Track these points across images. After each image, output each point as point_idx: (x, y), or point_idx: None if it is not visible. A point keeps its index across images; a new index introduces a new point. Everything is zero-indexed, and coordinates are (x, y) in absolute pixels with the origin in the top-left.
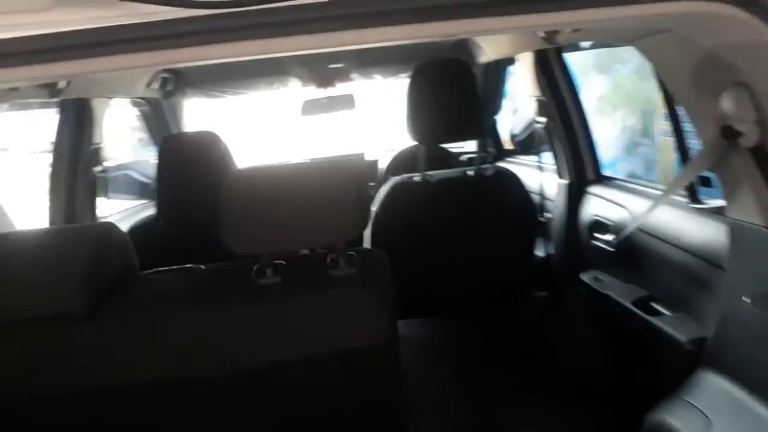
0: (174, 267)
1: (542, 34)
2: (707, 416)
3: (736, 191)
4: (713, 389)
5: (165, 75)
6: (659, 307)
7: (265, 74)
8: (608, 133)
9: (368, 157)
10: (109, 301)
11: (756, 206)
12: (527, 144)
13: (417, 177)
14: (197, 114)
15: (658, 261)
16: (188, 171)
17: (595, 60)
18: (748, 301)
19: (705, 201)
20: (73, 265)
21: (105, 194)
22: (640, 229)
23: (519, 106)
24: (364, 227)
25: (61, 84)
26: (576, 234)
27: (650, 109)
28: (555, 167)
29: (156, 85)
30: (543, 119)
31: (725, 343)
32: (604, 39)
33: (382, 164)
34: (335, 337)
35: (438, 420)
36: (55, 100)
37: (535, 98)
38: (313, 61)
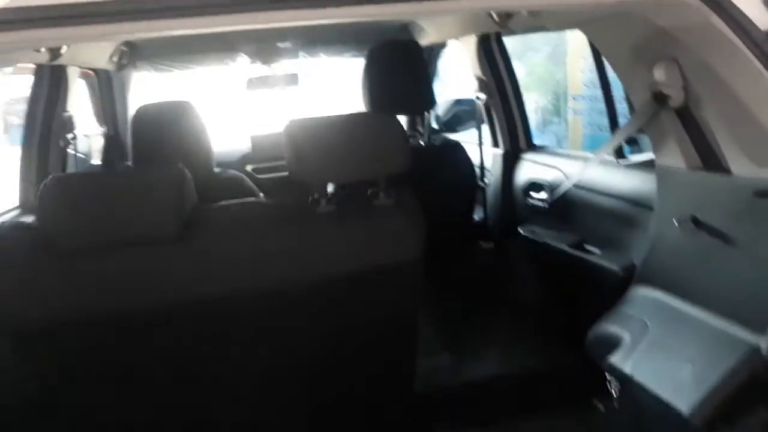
0: (240, 200)
1: (496, 18)
2: (644, 321)
3: (663, 143)
4: (646, 300)
5: (123, 48)
6: (591, 248)
7: (215, 50)
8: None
9: None
10: (193, 227)
11: (680, 154)
12: (452, 123)
13: None
14: (145, 89)
15: (589, 211)
16: (164, 140)
17: (510, 48)
18: (676, 224)
19: (629, 157)
20: (167, 197)
21: (75, 160)
22: (574, 186)
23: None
24: (405, 166)
25: (64, 48)
26: (512, 195)
27: (561, 91)
28: (492, 139)
29: (116, 58)
30: (483, 96)
31: (655, 262)
32: (556, 24)
33: None
34: (378, 255)
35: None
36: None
37: (476, 77)
38: (261, 39)
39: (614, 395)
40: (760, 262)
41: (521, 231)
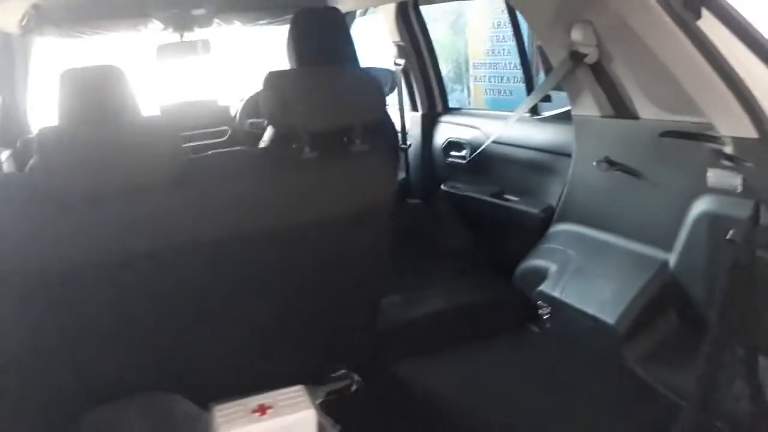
0: (229, 149)
1: None
2: (567, 252)
3: (579, 96)
4: (567, 235)
5: (31, 11)
6: (510, 197)
7: (126, 16)
8: None
9: (220, 103)
10: (188, 174)
11: (595, 104)
12: None
13: None
14: (50, 55)
15: (506, 164)
16: (93, 105)
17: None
18: (594, 164)
19: (542, 113)
20: (164, 144)
21: None
22: (491, 142)
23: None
24: (381, 113)
25: None
26: (432, 155)
27: (462, 60)
28: (410, 103)
29: (24, 21)
30: (402, 61)
31: (572, 201)
32: None
33: (233, 110)
34: (357, 198)
35: None
36: None
37: (395, 43)
38: (175, 5)
39: (545, 318)
40: (664, 191)
41: (443, 187)
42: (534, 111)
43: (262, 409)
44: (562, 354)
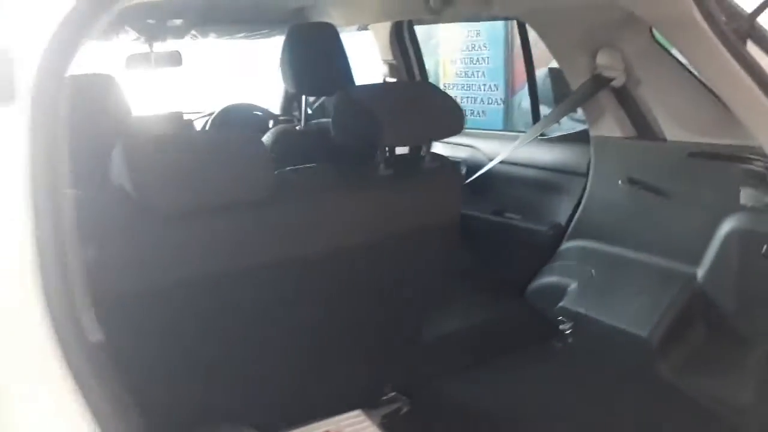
0: (306, 165)
1: (432, 4)
2: (587, 268)
3: (599, 117)
4: (585, 251)
5: None
6: (512, 215)
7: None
8: None
9: (185, 117)
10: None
11: (616, 125)
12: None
13: (297, 126)
14: None
15: (507, 183)
16: (98, 114)
17: None
18: (619, 183)
19: (546, 134)
20: (259, 159)
21: None
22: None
23: None
24: (459, 128)
25: None
26: None
27: (433, 80)
28: None
29: None
30: (393, 80)
31: (588, 219)
32: (502, 10)
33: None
34: (428, 214)
35: None
36: None
37: (387, 62)
38: (151, 15)
39: (567, 334)
40: (691, 209)
41: None
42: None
43: None
44: (592, 368)
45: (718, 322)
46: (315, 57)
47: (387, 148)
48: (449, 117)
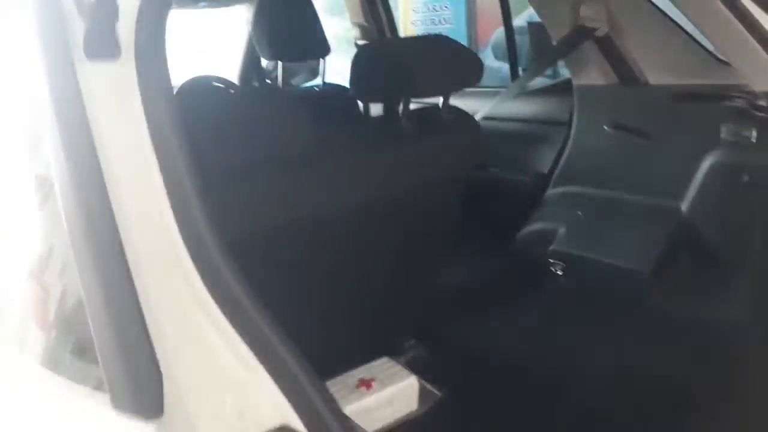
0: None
1: None
2: (575, 212)
3: (582, 67)
4: (572, 196)
5: None
6: (492, 170)
7: None
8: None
9: None
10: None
11: (599, 74)
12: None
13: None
14: None
15: (489, 139)
16: None
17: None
18: (605, 128)
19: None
20: (299, 115)
21: None
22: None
23: None
24: (477, 80)
25: None
26: None
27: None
28: None
29: None
30: (364, 42)
31: (574, 165)
32: None
33: None
34: (448, 166)
35: None
36: None
37: (357, 24)
38: None
39: (560, 275)
40: (675, 148)
41: None
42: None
43: (365, 384)
44: (587, 303)
45: (704, 249)
46: (291, 22)
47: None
48: (469, 67)
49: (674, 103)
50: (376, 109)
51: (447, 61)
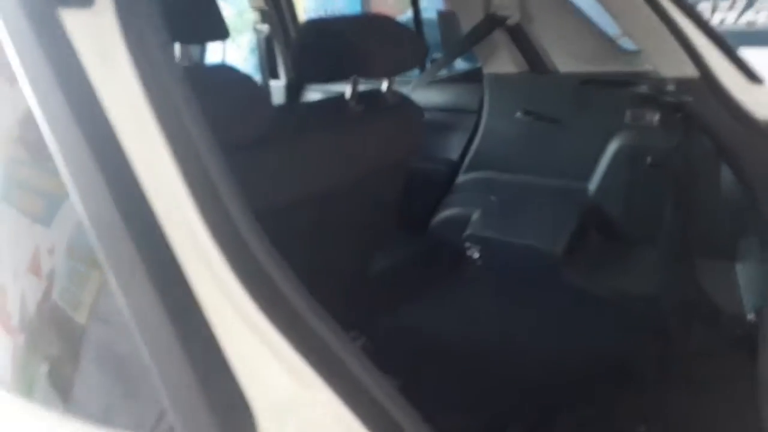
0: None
1: None
2: (488, 196)
3: (493, 56)
4: (484, 182)
5: None
6: None
7: None
8: (242, 53)
9: None
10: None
11: (509, 62)
12: None
13: None
14: None
15: None
16: None
17: None
18: (518, 115)
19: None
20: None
21: None
22: None
23: None
24: (421, 63)
25: None
26: None
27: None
28: (269, 71)
29: None
30: (264, 27)
31: (486, 151)
32: None
33: None
34: (394, 150)
35: None
36: None
37: (257, 8)
38: None
39: (476, 258)
40: (583, 133)
41: None
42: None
43: None
44: (505, 284)
45: (612, 227)
46: (188, 3)
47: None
48: (416, 48)
49: (582, 89)
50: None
51: (397, 41)
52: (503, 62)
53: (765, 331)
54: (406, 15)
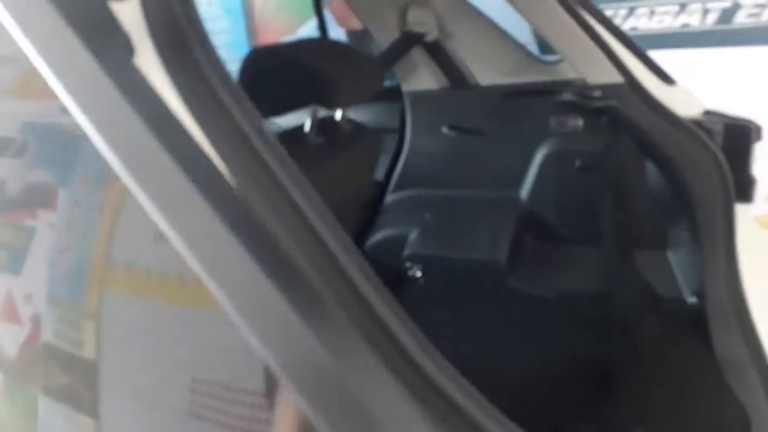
0: None
1: None
2: (422, 214)
3: (413, 73)
4: (415, 200)
5: None
6: None
7: None
8: None
9: None
10: None
11: (431, 78)
12: None
13: None
14: None
15: None
16: None
17: None
18: (444, 131)
19: None
20: None
21: None
22: None
23: None
24: (379, 87)
25: None
26: None
27: None
28: None
29: None
30: None
31: (413, 169)
32: None
33: None
34: (357, 179)
35: None
36: None
37: None
38: None
39: (418, 277)
40: (510, 142)
41: None
42: None
43: None
44: (455, 297)
45: (550, 231)
46: None
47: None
48: (373, 74)
49: (505, 101)
50: None
51: (357, 67)
52: (423, 79)
53: (712, 313)
54: (298, 33)
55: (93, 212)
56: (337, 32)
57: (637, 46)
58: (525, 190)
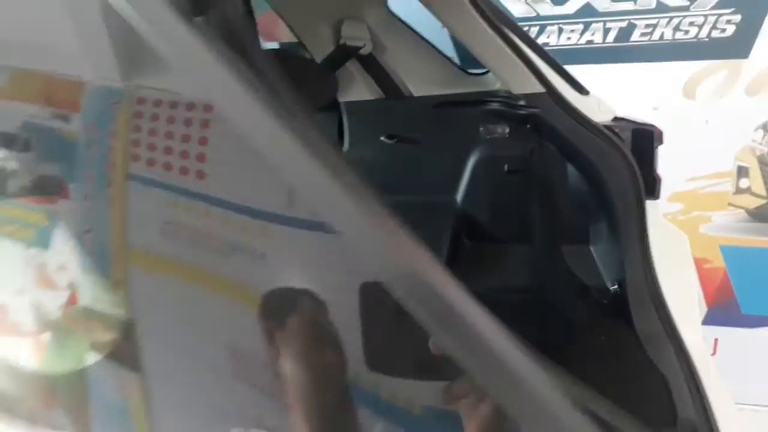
0: None
1: None
2: None
3: (348, 85)
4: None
5: None
6: None
7: None
8: None
9: None
10: None
11: (365, 89)
12: None
13: None
14: None
15: None
16: None
17: None
18: (383, 139)
19: None
20: None
21: None
22: None
23: None
24: (332, 98)
25: None
26: None
27: None
28: None
29: None
30: None
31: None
32: None
33: None
34: None
35: None
36: None
37: None
38: None
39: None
40: (443, 151)
41: None
42: None
43: None
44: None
45: (484, 232)
46: None
47: None
48: (326, 83)
49: (437, 111)
50: None
51: (309, 75)
52: (358, 90)
53: (632, 297)
54: None
55: (104, 205)
56: (265, 47)
57: (553, 59)
58: (460, 194)
